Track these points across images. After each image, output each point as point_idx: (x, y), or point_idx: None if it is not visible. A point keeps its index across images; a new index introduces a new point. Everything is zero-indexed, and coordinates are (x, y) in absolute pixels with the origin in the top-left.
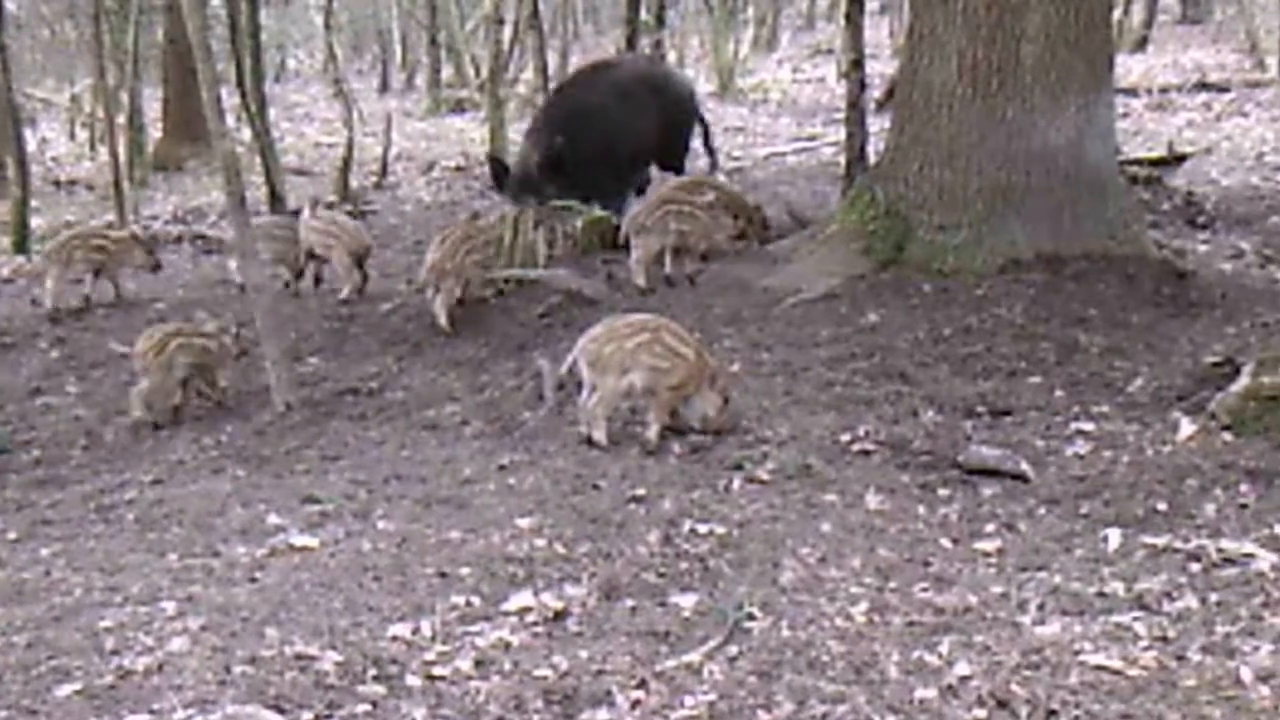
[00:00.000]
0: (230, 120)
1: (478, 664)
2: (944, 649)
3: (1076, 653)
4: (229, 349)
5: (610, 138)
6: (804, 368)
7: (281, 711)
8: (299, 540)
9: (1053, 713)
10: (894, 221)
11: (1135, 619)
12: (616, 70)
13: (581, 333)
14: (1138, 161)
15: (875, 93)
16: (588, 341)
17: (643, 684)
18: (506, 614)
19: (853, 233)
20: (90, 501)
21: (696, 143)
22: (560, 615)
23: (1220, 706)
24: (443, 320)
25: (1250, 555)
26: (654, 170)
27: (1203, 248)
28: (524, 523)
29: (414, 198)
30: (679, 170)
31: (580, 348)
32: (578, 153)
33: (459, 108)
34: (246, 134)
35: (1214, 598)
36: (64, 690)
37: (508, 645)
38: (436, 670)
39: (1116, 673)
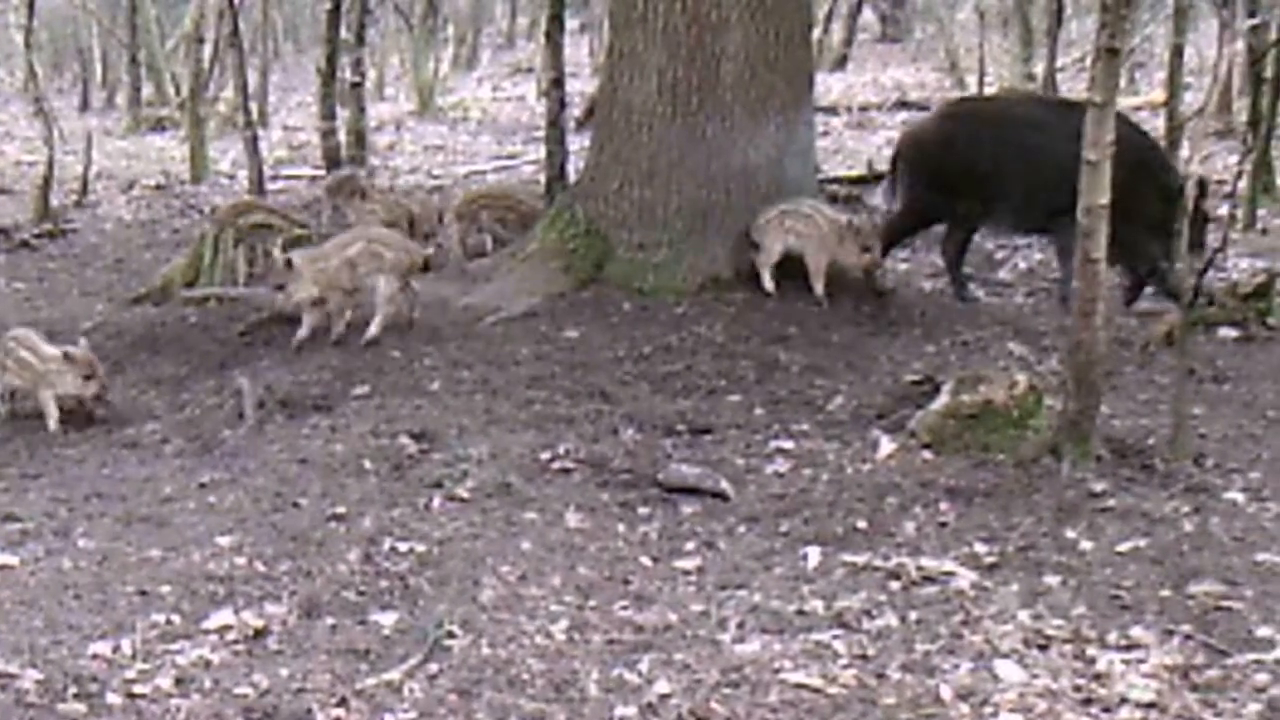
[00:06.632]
0: None
1: (178, 682)
2: (644, 667)
3: (776, 671)
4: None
5: None
6: (504, 386)
7: None
8: None
9: None
10: (594, 240)
11: (835, 637)
12: None
13: (283, 351)
14: (838, 180)
15: (575, 111)
16: None
17: (343, 702)
18: (207, 632)
19: (553, 251)
20: None
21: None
22: (260, 633)
23: None
24: None
25: (950, 573)
26: None
27: (903, 266)
28: (224, 541)
29: (114, 216)
30: None
31: None
32: None
33: (159, 126)
34: None
35: (914, 616)
36: None
37: (208, 663)
38: (137, 688)
39: (816, 691)
